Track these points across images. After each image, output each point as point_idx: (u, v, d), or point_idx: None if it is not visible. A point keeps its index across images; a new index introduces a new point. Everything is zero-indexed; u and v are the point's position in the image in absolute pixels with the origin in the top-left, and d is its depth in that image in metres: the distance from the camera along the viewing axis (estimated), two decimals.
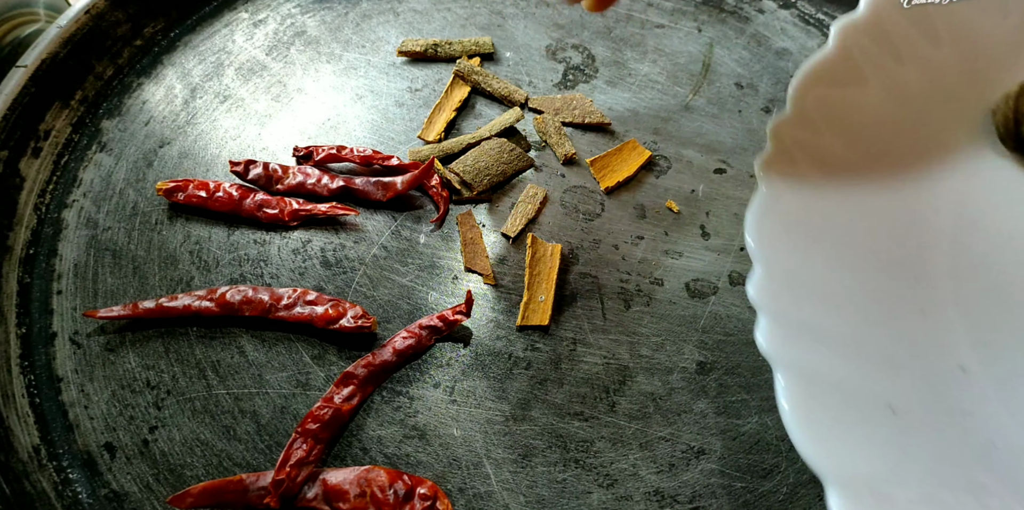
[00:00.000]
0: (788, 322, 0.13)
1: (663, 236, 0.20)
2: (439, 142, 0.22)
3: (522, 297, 0.19)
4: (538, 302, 0.18)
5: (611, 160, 0.22)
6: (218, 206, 0.20)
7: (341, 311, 0.18)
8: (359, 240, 0.20)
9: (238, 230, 0.20)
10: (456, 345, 0.18)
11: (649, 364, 0.18)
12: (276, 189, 0.20)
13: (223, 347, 0.18)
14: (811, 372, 0.12)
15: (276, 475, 0.15)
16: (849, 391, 0.12)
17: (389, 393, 0.17)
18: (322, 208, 0.20)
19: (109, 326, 0.18)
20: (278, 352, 0.18)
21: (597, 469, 0.16)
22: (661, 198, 0.21)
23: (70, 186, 0.21)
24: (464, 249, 0.19)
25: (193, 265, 0.19)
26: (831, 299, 0.14)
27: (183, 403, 0.17)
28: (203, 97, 0.23)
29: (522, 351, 0.18)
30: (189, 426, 0.17)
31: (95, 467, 0.16)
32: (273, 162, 0.21)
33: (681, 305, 0.19)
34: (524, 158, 0.20)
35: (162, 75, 0.23)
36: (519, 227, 0.20)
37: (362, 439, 0.17)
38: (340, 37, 0.24)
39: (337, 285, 0.19)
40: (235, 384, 0.17)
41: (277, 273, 0.19)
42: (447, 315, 0.18)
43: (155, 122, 0.22)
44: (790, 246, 0.14)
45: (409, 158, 0.21)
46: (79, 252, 0.20)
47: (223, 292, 0.18)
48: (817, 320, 0.13)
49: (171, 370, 0.18)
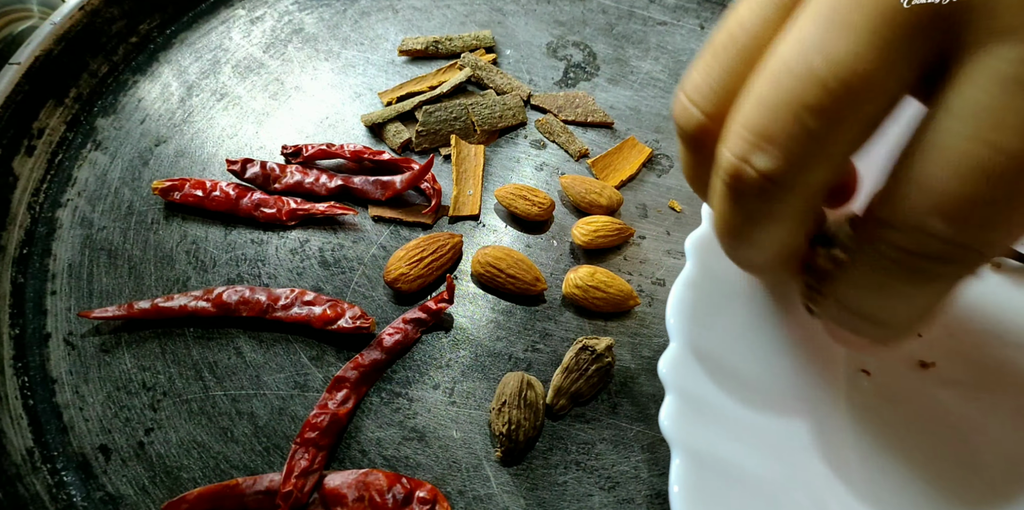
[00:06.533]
0: (696, 404, 0.13)
1: (665, 236, 0.20)
2: (391, 105, 0.22)
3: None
4: (467, 195, 0.20)
5: (612, 159, 0.22)
6: (215, 205, 0.20)
7: (339, 312, 0.18)
8: (358, 240, 0.20)
9: (235, 230, 0.20)
10: (455, 346, 0.18)
11: (651, 365, 0.18)
12: (273, 188, 0.20)
13: (220, 348, 0.18)
14: (710, 457, 0.12)
15: (283, 487, 0.15)
16: (742, 479, 0.12)
17: (388, 395, 0.17)
18: (320, 207, 0.20)
19: (104, 327, 0.18)
20: (276, 353, 0.18)
21: (599, 471, 0.16)
22: (663, 197, 0.21)
23: (64, 185, 0.21)
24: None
25: (189, 265, 0.19)
26: (747, 385, 0.13)
27: (179, 405, 0.17)
28: (199, 95, 0.23)
29: (522, 352, 0.18)
30: (185, 428, 0.17)
31: (90, 470, 0.16)
32: (270, 161, 0.21)
33: None
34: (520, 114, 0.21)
35: (158, 72, 0.23)
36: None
37: (361, 441, 0.16)
38: (338, 34, 0.24)
39: (335, 285, 0.19)
40: (232, 385, 0.17)
41: (275, 273, 0.19)
42: (430, 305, 0.18)
43: (151, 120, 0.22)
44: (713, 324, 0.14)
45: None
46: (74, 252, 0.19)
47: (220, 292, 0.18)
48: (725, 406, 0.13)
49: (167, 371, 0.18)
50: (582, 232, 0.19)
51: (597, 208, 0.20)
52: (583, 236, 0.19)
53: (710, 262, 0.15)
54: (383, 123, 0.21)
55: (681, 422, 0.13)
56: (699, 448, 0.13)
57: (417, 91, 0.22)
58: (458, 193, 0.20)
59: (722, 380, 0.14)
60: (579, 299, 0.18)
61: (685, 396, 0.13)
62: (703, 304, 0.14)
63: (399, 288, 0.18)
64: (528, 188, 0.20)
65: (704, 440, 0.13)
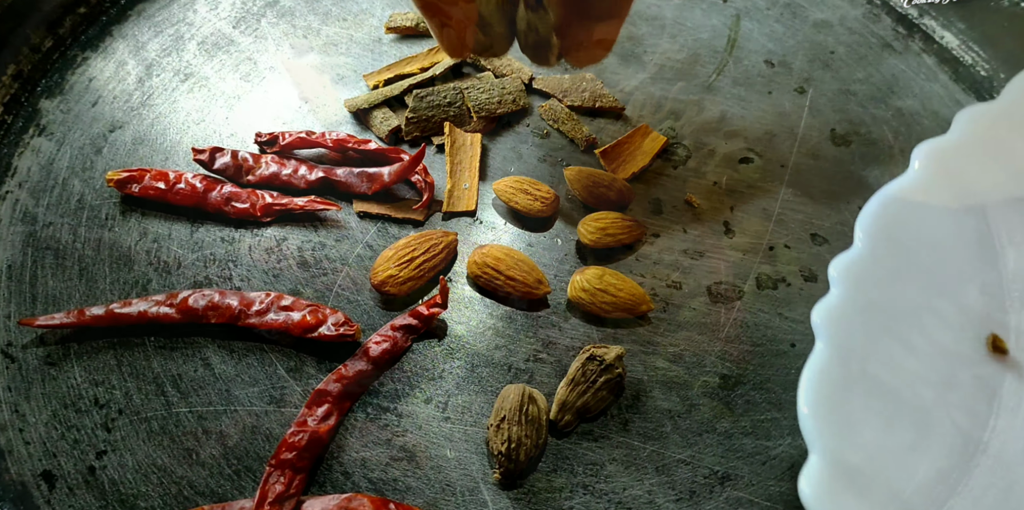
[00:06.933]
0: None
1: (681, 234, 0.19)
2: (378, 88, 0.21)
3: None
4: (463, 189, 0.19)
5: (623, 149, 0.20)
6: (179, 199, 0.18)
7: (321, 318, 0.16)
8: (341, 238, 0.18)
9: (203, 226, 0.18)
10: (449, 355, 0.17)
11: (666, 377, 0.17)
12: (246, 180, 0.19)
13: (185, 359, 0.17)
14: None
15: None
16: None
17: (374, 410, 0.16)
18: (299, 202, 0.18)
19: (50, 336, 0.17)
20: (249, 364, 0.17)
21: (608, 496, 0.15)
22: (679, 191, 0.20)
23: (3, 175, 0.19)
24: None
25: (151, 266, 0.18)
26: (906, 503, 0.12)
27: (137, 424, 0.16)
28: (160, 75, 0.21)
29: (523, 362, 0.17)
30: (144, 450, 0.15)
31: (30, 500, 0.15)
32: (243, 150, 0.19)
33: (702, 312, 0.18)
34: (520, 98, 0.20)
35: (112, 49, 0.21)
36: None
37: (344, 462, 0.15)
38: (318, 8, 0.23)
39: (316, 288, 0.18)
40: (199, 401, 0.16)
41: (248, 275, 0.18)
42: (421, 310, 0.17)
43: (104, 103, 0.20)
44: (856, 422, 0.12)
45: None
46: (14, 251, 0.18)
47: (185, 297, 0.17)
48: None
49: (124, 386, 0.16)
50: (589, 230, 0.18)
51: (606, 203, 0.19)
52: (590, 234, 0.18)
53: (845, 340, 0.13)
54: (369, 109, 0.20)
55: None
56: None
57: (407, 73, 0.21)
58: (452, 187, 0.19)
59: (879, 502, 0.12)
60: (586, 304, 0.17)
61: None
62: (841, 395, 0.12)
63: (387, 292, 0.17)
64: (530, 181, 0.19)
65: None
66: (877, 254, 0.14)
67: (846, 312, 0.13)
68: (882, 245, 0.14)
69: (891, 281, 0.13)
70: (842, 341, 0.13)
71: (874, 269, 0.13)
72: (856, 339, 0.13)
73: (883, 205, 0.14)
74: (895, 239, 0.14)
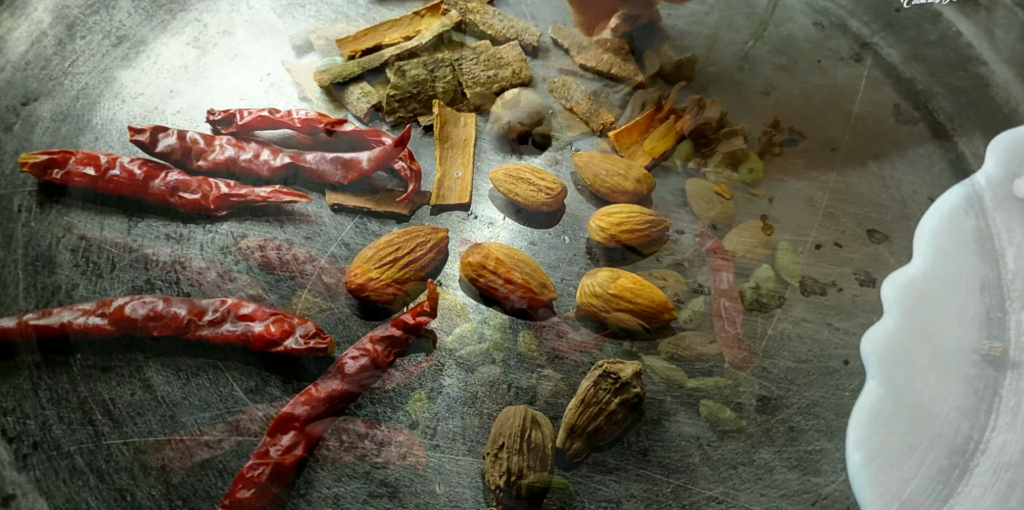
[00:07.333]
0: None
1: (710, 229, 0.17)
2: (355, 59, 0.18)
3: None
4: (454, 178, 0.17)
5: (641, 131, 0.18)
6: (113, 188, 0.16)
7: (287, 329, 0.15)
8: (311, 235, 0.17)
9: (143, 221, 0.17)
10: (439, 372, 0.15)
11: (692, 399, 0.15)
12: (197, 167, 0.17)
13: (120, 381, 0.15)
14: None
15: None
16: None
17: (351, 437, 0.14)
18: (261, 193, 0.17)
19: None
20: (199, 385, 0.15)
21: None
22: (707, 180, 0.18)
23: None
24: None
25: (77, 269, 0.16)
26: None
27: (57, 460, 0.14)
28: (87, 37, 0.19)
29: (525, 380, 0.15)
30: (64, 492, 0.14)
31: None
32: (192, 130, 0.18)
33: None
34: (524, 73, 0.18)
35: (23, 4, 0.19)
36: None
37: (312, 500, 0.14)
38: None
39: (282, 294, 0.16)
40: (136, 430, 0.14)
41: (198, 279, 0.16)
42: (406, 319, 0.15)
43: (14, 70, 0.18)
44: (908, 465, 0.13)
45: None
46: None
47: (120, 305, 0.15)
48: None
49: (40, 414, 0.14)
50: (602, 225, 0.17)
51: (621, 194, 0.17)
52: (603, 230, 0.17)
53: (901, 378, 0.13)
54: (344, 83, 0.18)
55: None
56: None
57: (389, 43, 0.19)
58: (442, 175, 0.17)
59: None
60: (598, 311, 0.16)
61: None
62: (894, 440, 0.12)
63: (366, 297, 0.16)
64: (532, 169, 0.17)
65: None
66: (936, 270, 0.12)
67: (902, 341, 0.12)
68: (940, 258, 0.12)
69: (948, 303, 0.13)
70: (896, 377, 0.12)
71: (934, 289, 0.12)
72: (910, 373, 0.12)
73: (951, 212, 0.12)
74: (950, 252, 0.12)
